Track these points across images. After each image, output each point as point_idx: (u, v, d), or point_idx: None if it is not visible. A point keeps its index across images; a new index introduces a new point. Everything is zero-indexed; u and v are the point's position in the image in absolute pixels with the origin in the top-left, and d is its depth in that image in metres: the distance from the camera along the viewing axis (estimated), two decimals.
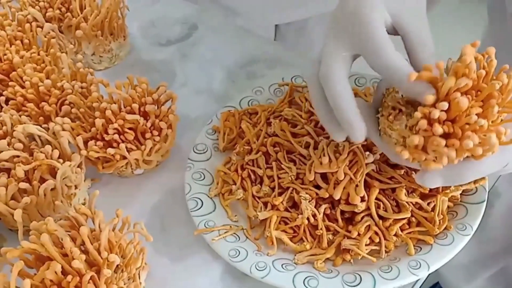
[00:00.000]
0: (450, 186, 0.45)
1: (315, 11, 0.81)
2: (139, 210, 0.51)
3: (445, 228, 0.43)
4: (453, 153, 0.34)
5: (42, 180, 0.47)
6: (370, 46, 0.37)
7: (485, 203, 0.45)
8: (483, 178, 0.46)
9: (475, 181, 0.46)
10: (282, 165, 0.47)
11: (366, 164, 0.45)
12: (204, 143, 0.53)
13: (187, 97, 0.62)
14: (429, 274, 0.42)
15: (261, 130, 0.52)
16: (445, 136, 0.35)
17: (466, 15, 1.75)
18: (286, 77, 0.58)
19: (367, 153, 0.45)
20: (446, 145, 0.34)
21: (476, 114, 0.34)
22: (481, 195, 0.45)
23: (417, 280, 0.43)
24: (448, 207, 0.45)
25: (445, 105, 0.34)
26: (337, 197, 0.43)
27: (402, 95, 0.39)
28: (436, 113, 0.34)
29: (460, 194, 0.46)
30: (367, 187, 0.44)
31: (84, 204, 0.51)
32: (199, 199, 0.48)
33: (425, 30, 0.39)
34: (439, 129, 0.34)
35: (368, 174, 0.45)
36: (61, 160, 0.47)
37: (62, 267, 0.38)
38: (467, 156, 0.36)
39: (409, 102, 0.38)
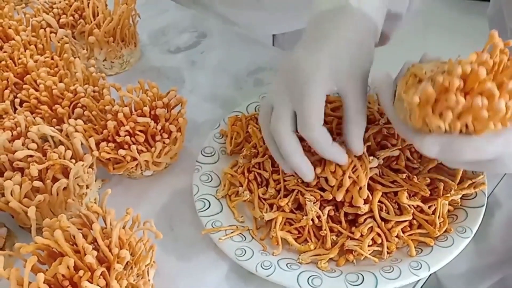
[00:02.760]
0: (451, 190, 0.46)
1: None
2: (148, 210, 0.52)
3: (446, 231, 0.45)
4: (460, 104, 0.35)
5: (54, 180, 0.48)
6: (303, 115, 0.42)
7: (484, 207, 0.46)
8: (483, 183, 0.47)
9: (474, 186, 0.47)
10: None
11: (370, 168, 0.46)
12: (211, 147, 0.55)
13: (195, 102, 0.64)
14: (429, 276, 0.43)
15: None
16: None
17: (467, 28, 1.78)
18: None
19: (371, 157, 0.47)
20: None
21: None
22: (481, 199, 0.47)
23: (418, 281, 0.44)
24: (448, 210, 0.46)
25: (467, 68, 0.35)
26: (339, 199, 0.45)
27: (426, 71, 0.39)
28: (459, 69, 0.35)
29: (460, 198, 0.47)
30: (370, 190, 0.46)
31: (94, 203, 0.52)
32: (207, 200, 0.50)
33: (362, 108, 0.44)
34: (456, 81, 0.35)
35: (371, 178, 0.46)
36: (73, 161, 0.48)
37: (74, 262, 0.40)
38: (468, 134, 0.36)
39: (432, 78, 0.39)
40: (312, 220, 0.45)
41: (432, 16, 1.79)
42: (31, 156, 0.49)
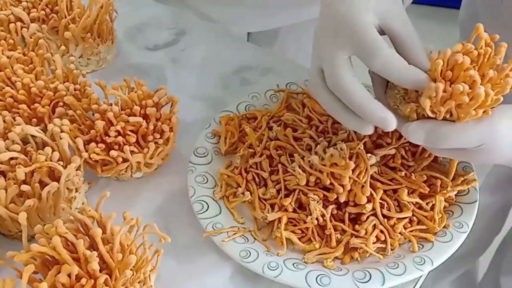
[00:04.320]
0: (447, 187, 0.47)
1: (287, 22, 0.84)
2: (141, 214, 0.49)
3: (444, 226, 0.46)
4: (441, 87, 0.36)
5: (41, 184, 0.45)
6: (366, 48, 0.39)
7: (477, 203, 0.48)
8: (474, 179, 0.49)
9: (467, 182, 0.49)
10: (287, 168, 0.48)
11: (370, 166, 0.47)
12: (204, 147, 0.53)
13: (181, 102, 0.61)
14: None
15: (263, 134, 0.52)
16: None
17: (433, 34, 1.85)
18: (280, 83, 0.60)
19: (369, 155, 0.47)
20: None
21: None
22: (473, 195, 0.48)
23: (420, 276, 0.45)
24: (444, 207, 0.48)
25: (460, 58, 0.37)
26: (342, 200, 0.45)
27: None
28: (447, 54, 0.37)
29: (455, 195, 0.48)
30: (371, 188, 0.46)
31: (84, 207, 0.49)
32: (204, 201, 0.48)
33: (412, 30, 0.42)
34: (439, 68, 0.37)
35: (371, 176, 0.47)
36: (61, 163, 0.45)
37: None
38: (452, 121, 0.38)
39: None
40: (316, 219, 0.45)
41: None
42: (13, 158, 0.45)
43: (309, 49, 0.44)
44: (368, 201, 0.45)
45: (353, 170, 0.46)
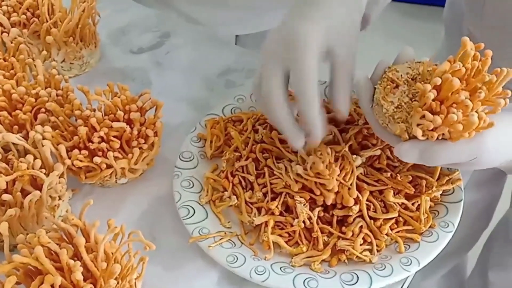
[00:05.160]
0: (432, 187, 0.48)
1: (275, 24, 0.84)
2: (126, 220, 0.49)
3: (430, 226, 0.46)
4: (438, 119, 0.37)
5: (23, 192, 0.44)
6: (297, 72, 0.41)
7: (462, 202, 0.48)
8: (459, 179, 0.49)
9: (452, 182, 0.49)
10: (274, 171, 0.48)
11: (356, 167, 0.47)
12: (189, 151, 0.53)
13: (165, 105, 0.60)
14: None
15: (248, 137, 0.52)
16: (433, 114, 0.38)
17: (406, 31, 1.86)
18: None
19: (354, 156, 0.47)
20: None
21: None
22: (458, 195, 0.49)
23: (407, 277, 0.45)
24: (430, 206, 0.48)
25: (438, 80, 0.37)
26: (329, 203, 0.45)
27: (402, 75, 0.41)
28: (428, 87, 0.37)
29: (440, 194, 0.49)
30: (357, 189, 0.46)
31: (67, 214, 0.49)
32: (190, 206, 0.48)
33: (349, 63, 0.43)
34: (431, 95, 0.37)
35: (356, 178, 0.47)
36: (43, 171, 0.45)
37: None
38: (444, 139, 0.39)
39: (408, 81, 0.41)
40: (303, 222, 0.45)
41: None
42: None
43: None
44: (355, 203, 0.45)
45: (339, 172, 0.46)
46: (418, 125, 0.38)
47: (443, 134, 0.39)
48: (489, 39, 0.62)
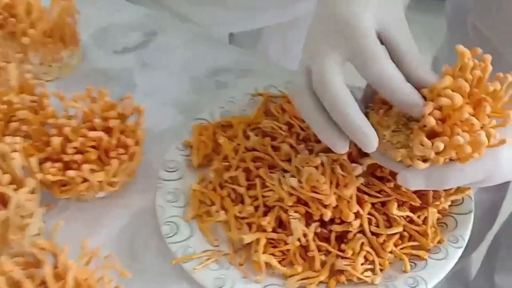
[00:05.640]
0: (441, 198, 0.43)
1: (270, 21, 0.80)
2: (104, 239, 0.45)
3: (438, 242, 0.42)
4: (440, 145, 0.33)
5: None
6: (363, 55, 0.35)
7: (472, 213, 0.44)
8: (468, 187, 0.45)
9: (461, 191, 0.45)
10: (266, 183, 0.44)
11: (356, 177, 0.42)
12: (175, 160, 0.49)
13: (151, 109, 0.56)
14: None
15: (239, 144, 0.48)
16: (435, 135, 0.34)
17: (418, 23, 1.81)
18: (258, 86, 0.55)
19: (354, 164, 0.43)
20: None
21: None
22: (468, 205, 0.44)
23: None
24: (438, 219, 0.44)
25: (442, 100, 0.33)
26: (326, 219, 0.41)
27: None
28: (430, 107, 0.33)
29: (448, 205, 0.44)
30: (358, 202, 0.42)
31: (39, 234, 0.45)
32: (174, 223, 0.44)
33: (413, 43, 0.38)
34: (431, 120, 0.33)
35: (356, 189, 0.42)
36: (13, 186, 0.41)
37: None
38: (452, 160, 0.35)
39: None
40: (298, 239, 0.41)
41: None
42: None
43: (294, 49, 0.40)
44: (355, 217, 0.41)
45: (337, 184, 0.41)
46: (419, 151, 0.34)
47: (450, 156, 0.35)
48: (497, 35, 0.57)
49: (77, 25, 0.61)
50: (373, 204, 0.42)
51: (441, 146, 0.33)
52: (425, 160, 0.35)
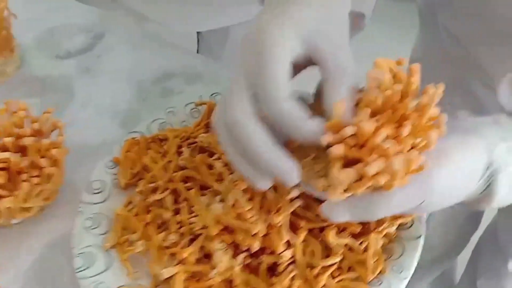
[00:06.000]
0: (384, 223, 0.38)
1: (237, 19, 0.74)
2: (16, 273, 0.40)
3: (380, 272, 0.37)
4: (351, 174, 0.29)
5: None
6: (265, 85, 0.31)
7: (422, 238, 0.39)
8: None
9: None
10: (193, 208, 0.39)
11: (291, 200, 0.38)
12: (101, 180, 0.44)
13: (88, 120, 0.53)
14: None
15: (170, 161, 0.43)
16: (353, 162, 0.29)
17: (401, 14, 1.74)
18: (207, 94, 0.50)
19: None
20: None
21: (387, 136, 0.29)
22: (418, 229, 0.39)
23: None
24: (384, 244, 0.39)
25: (346, 130, 0.29)
26: (253, 250, 0.36)
27: None
28: (327, 139, 0.29)
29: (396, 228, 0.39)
30: (293, 228, 0.37)
31: None
32: (90, 253, 0.39)
33: (345, 59, 0.32)
34: (337, 150, 0.28)
35: (292, 213, 0.38)
36: None
37: None
38: (380, 187, 0.30)
39: None
40: (223, 273, 0.36)
41: None
42: None
43: None
44: (289, 245, 0.37)
45: (269, 208, 0.37)
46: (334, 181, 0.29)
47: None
48: (465, 35, 0.52)
49: (12, 29, 0.57)
50: (310, 230, 0.38)
51: (351, 176, 0.28)
52: (346, 189, 0.30)
